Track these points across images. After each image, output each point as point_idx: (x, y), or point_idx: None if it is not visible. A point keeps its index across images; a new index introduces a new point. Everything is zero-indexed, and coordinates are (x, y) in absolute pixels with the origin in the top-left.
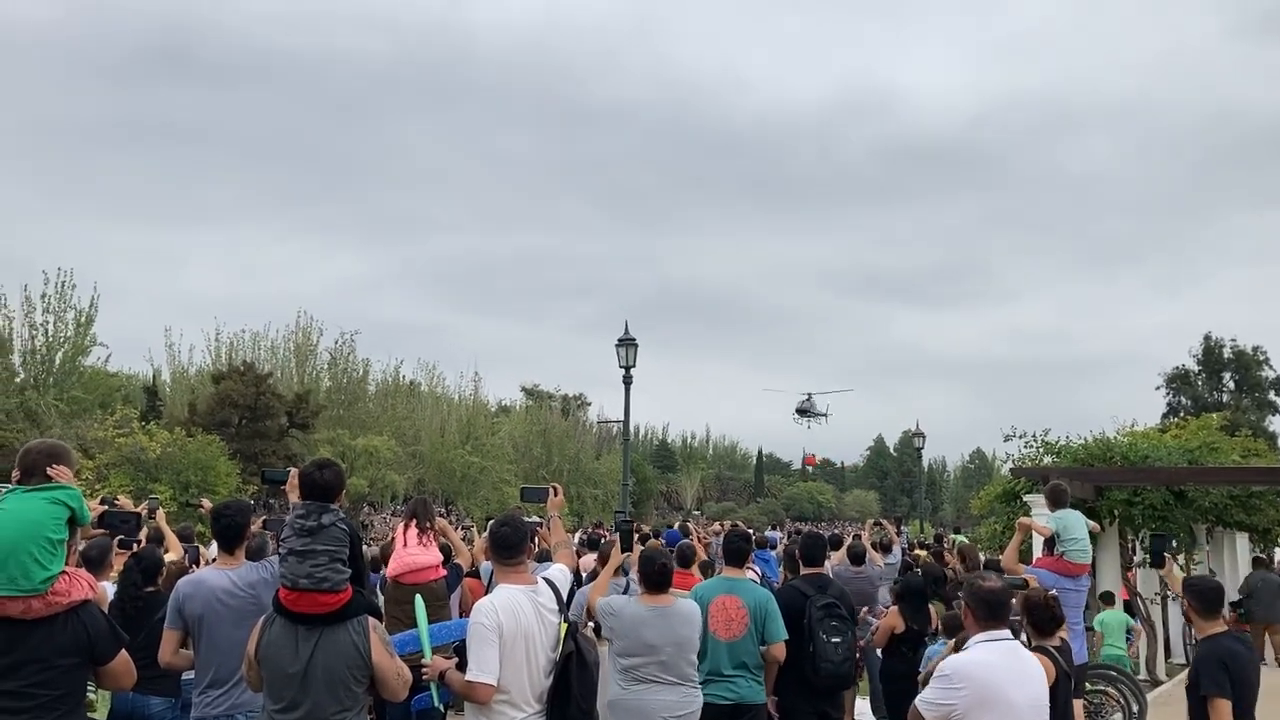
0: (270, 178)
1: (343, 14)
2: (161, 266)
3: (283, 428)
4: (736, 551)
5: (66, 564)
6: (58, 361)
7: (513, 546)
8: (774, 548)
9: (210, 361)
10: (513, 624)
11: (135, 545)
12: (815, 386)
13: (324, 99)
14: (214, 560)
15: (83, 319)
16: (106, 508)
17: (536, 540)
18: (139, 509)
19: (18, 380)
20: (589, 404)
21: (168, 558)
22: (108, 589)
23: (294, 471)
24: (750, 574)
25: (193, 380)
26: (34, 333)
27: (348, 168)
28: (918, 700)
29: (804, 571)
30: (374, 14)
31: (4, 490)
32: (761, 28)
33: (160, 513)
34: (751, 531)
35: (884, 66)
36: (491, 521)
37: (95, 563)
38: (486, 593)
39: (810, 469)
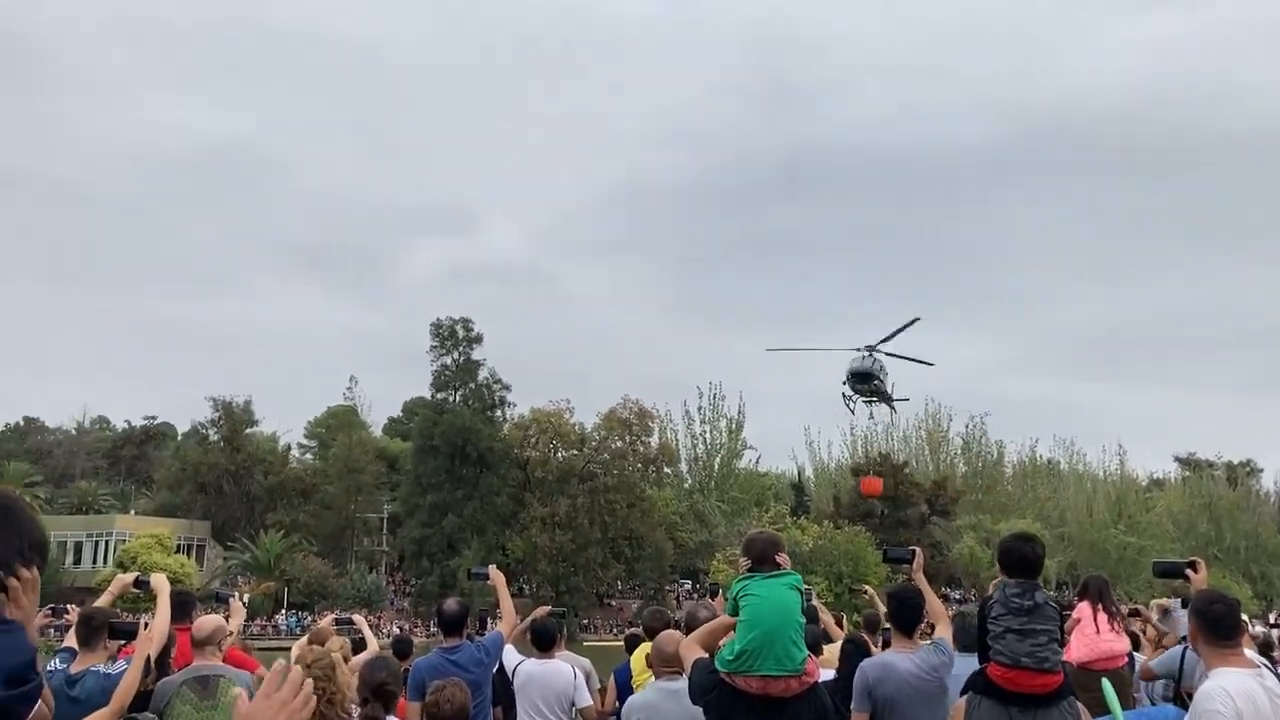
0: (881, 273)
1: (939, 106)
2: (795, 370)
3: (923, 515)
4: None
5: None
6: (716, 466)
7: (1232, 626)
8: None
9: (848, 455)
10: (1251, 711)
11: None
12: None
13: (922, 189)
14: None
15: (733, 425)
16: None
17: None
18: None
19: (686, 485)
20: (1260, 471)
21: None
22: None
23: (917, 551)
24: None
25: (833, 474)
26: (695, 442)
27: (957, 252)
28: None
29: None
30: (974, 99)
31: (740, 578)
32: None
33: (818, 602)
34: None
35: None
36: (1199, 599)
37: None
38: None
39: (874, 501)
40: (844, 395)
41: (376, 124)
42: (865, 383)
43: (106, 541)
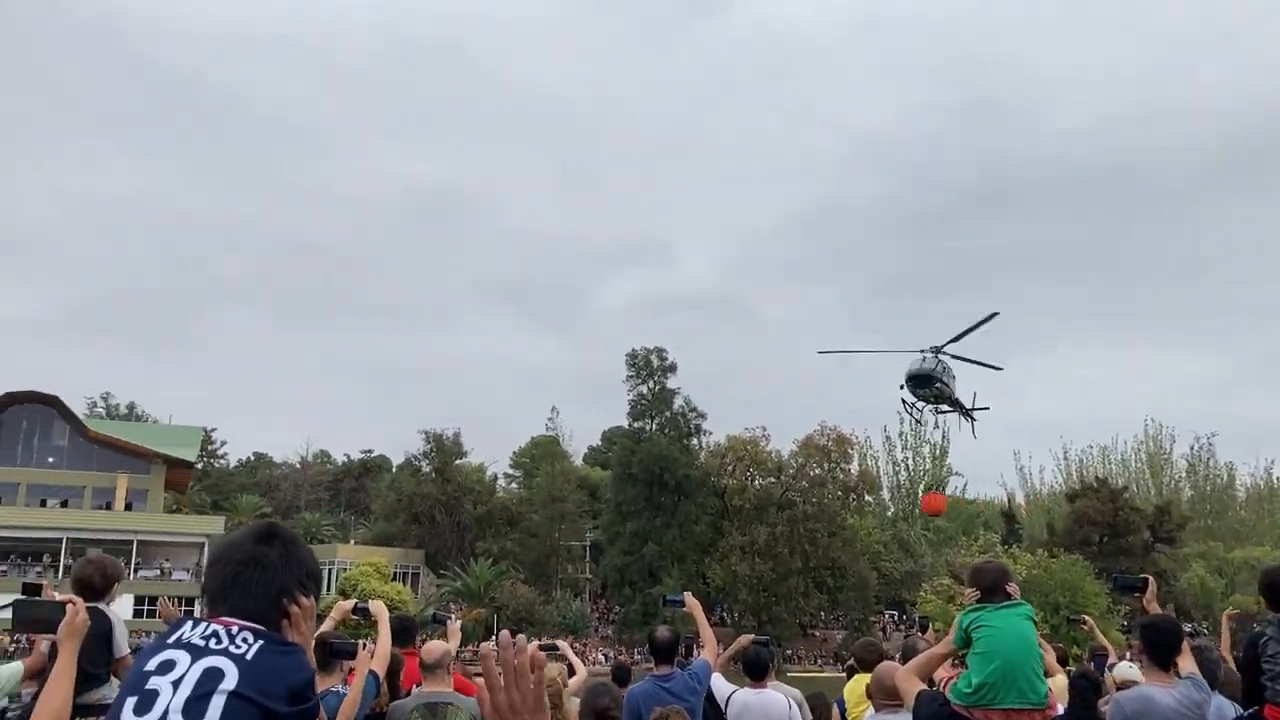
0: (1090, 290)
1: (1153, 113)
2: (1002, 393)
3: (1146, 543)
4: None
5: None
6: (920, 493)
7: None
8: None
9: (1062, 481)
10: None
11: None
12: None
13: (1136, 201)
14: None
15: (937, 451)
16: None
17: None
18: None
19: (889, 514)
20: None
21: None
22: None
23: (1150, 580)
24: None
25: (1046, 501)
26: (896, 468)
27: (1176, 265)
28: None
29: None
30: (1193, 104)
31: (970, 609)
32: None
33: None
34: None
35: None
36: None
37: None
38: None
39: (934, 519)
40: (903, 401)
41: (572, 162)
42: (924, 386)
43: (329, 570)
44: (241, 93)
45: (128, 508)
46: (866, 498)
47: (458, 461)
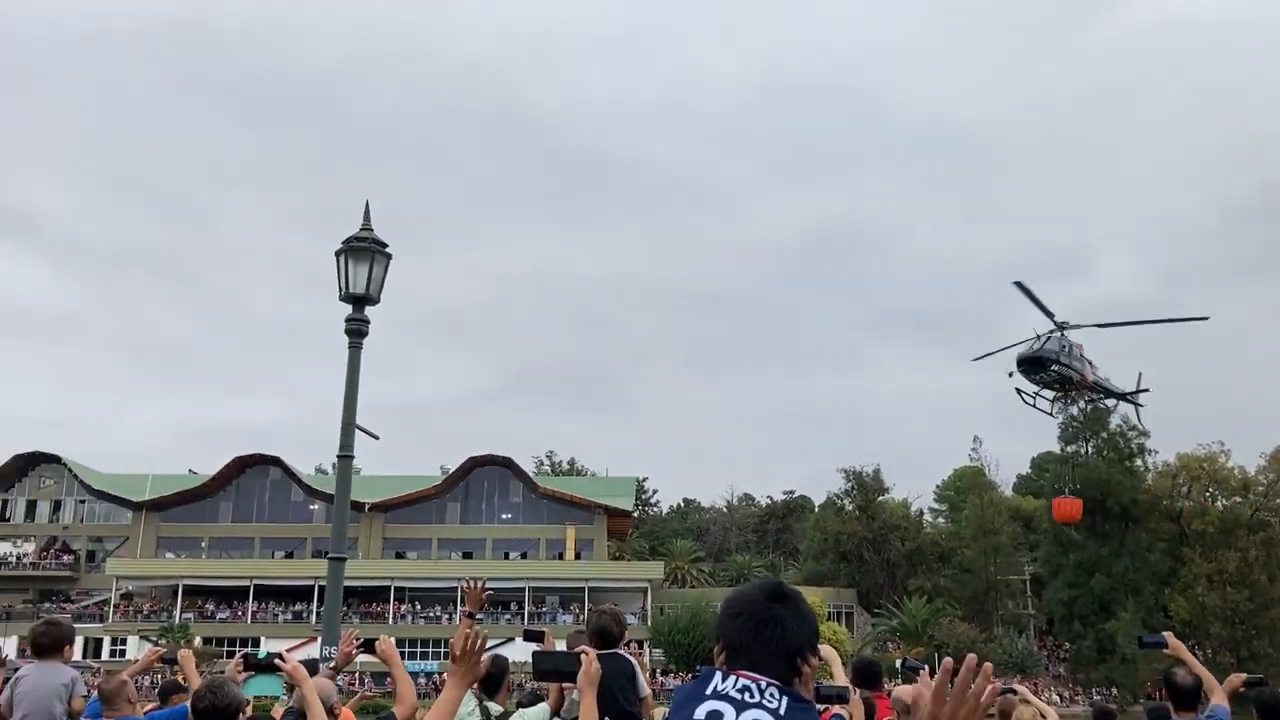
0: None
1: None
2: None
3: None
4: None
5: None
6: None
7: None
8: None
9: None
10: None
11: None
12: None
13: None
14: None
15: None
16: None
17: None
18: None
19: None
20: None
21: None
22: None
23: None
24: None
25: None
26: None
27: None
28: None
29: None
30: None
31: None
32: None
33: None
34: None
35: None
36: None
37: None
38: None
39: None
40: (1018, 391)
41: (972, 181)
42: (1039, 371)
43: None
44: (635, 159)
45: (576, 556)
46: None
47: (880, 498)
